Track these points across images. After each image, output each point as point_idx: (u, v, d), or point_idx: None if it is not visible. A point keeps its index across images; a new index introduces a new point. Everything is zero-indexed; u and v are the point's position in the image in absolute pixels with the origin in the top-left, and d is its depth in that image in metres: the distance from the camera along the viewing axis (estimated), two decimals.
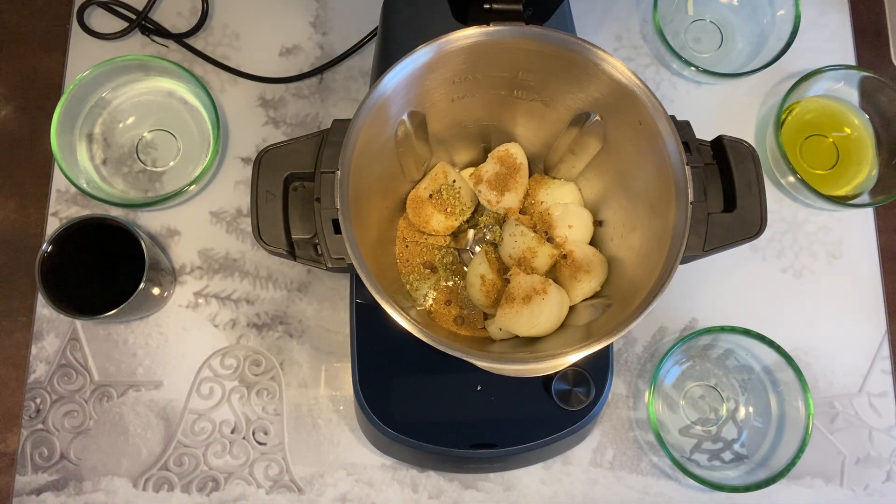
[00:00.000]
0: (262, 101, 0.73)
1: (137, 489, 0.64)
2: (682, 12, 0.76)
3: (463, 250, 0.59)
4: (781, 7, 0.72)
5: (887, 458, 0.68)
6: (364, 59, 0.74)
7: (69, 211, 0.70)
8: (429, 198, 0.57)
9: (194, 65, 0.73)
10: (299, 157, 0.49)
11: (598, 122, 0.53)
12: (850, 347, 0.70)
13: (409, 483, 0.65)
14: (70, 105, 0.67)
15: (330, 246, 0.47)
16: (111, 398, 0.66)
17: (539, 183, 0.60)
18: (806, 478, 0.67)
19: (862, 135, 0.72)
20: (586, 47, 0.49)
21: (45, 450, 0.65)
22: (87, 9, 0.73)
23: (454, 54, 0.49)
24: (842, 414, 0.69)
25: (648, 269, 0.48)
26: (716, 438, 0.67)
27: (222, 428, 0.66)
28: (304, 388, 0.67)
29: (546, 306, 0.51)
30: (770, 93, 0.75)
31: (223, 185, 0.71)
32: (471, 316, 0.57)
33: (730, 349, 0.68)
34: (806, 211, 0.73)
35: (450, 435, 0.58)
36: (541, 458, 0.64)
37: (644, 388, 0.68)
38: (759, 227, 0.50)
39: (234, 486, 0.65)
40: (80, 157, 0.69)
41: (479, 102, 0.55)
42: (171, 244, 0.69)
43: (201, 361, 0.67)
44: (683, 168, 0.47)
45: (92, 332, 0.67)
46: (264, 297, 0.69)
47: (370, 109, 0.48)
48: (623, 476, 0.66)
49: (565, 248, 0.55)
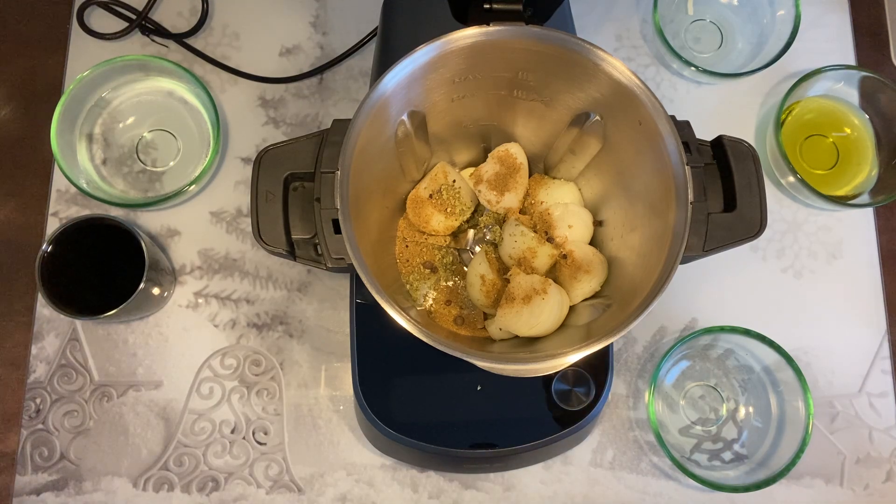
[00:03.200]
0: (262, 101, 0.73)
1: (137, 489, 0.64)
2: (682, 12, 0.76)
3: (463, 250, 0.59)
4: (781, 7, 0.72)
5: (887, 458, 0.68)
6: (364, 59, 0.74)
7: (69, 211, 0.70)
8: (429, 198, 0.57)
9: (194, 65, 0.73)
10: (299, 157, 0.49)
11: (598, 122, 0.53)
12: (850, 347, 0.70)
13: (409, 483, 0.65)
14: (70, 105, 0.67)
15: (330, 246, 0.47)
16: (111, 398, 0.66)
17: (539, 183, 0.60)
18: (806, 478, 0.67)
19: (862, 135, 0.72)
20: (586, 47, 0.49)
21: (45, 450, 0.65)
22: (87, 9, 0.73)
23: (454, 54, 0.49)
24: (842, 414, 0.69)
25: (648, 269, 0.48)
26: (716, 438, 0.67)
27: (222, 428, 0.66)
28: (304, 388, 0.67)
29: (546, 306, 0.51)
30: (770, 93, 0.75)
31: (223, 185, 0.71)
32: (471, 316, 0.57)
33: (730, 349, 0.68)
34: (806, 211, 0.73)
35: (450, 435, 0.58)
36: (541, 458, 0.64)
37: (644, 388, 0.68)
38: (759, 227, 0.50)
39: (234, 486, 0.65)
40: (80, 157, 0.69)
41: (479, 102, 0.55)
42: (171, 244, 0.69)
43: (201, 361, 0.67)
44: (683, 168, 0.47)
45: (92, 332, 0.67)
46: (264, 297, 0.69)
47: (370, 109, 0.48)
48: (623, 476, 0.66)
49: (565, 248, 0.55)
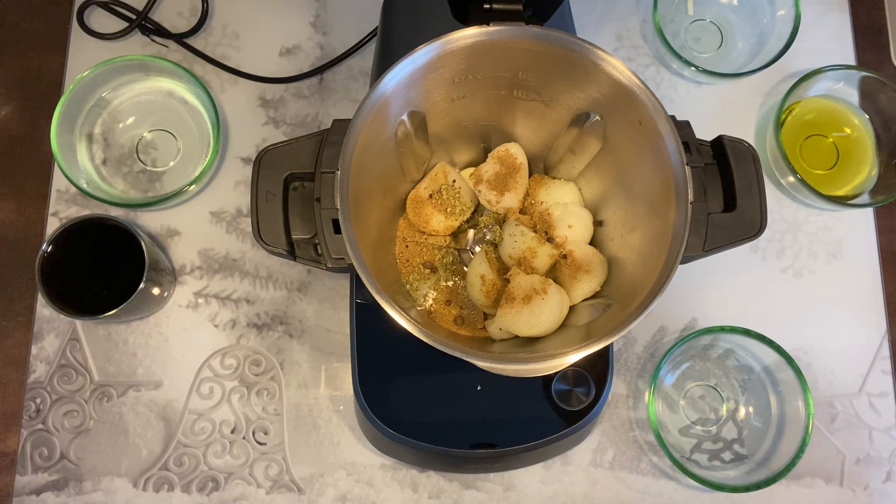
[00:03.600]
0: (262, 101, 0.73)
1: (137, 489, 0.64)
2: (682, 12, 0.76)
3: (463, 250, 0.59)
4: (781, 7, 0.72)
5: (887, 458, 0.68)
6: (364, 59, 0.74)
7: (69, 211, 0.70)
8: (429, 198, 0.57)
9: (194, 65, 0.73)
10: (299, 157, 0.49)
11: (598, 122, 0.53)
12: (850, 347, 0.70)
13: (409, 483, 0.65)
14: (70, 105, 0.67)
15: (330, 246, 0.47)
16: (111, 398, 0.66)
17: (539, 183, 0.60)
18: (806, 478, 0.67)
19: (862, 135, 0.72)
20: (586, 47, 0.49)
21: (45, 450, 0.65)
22: (87, 9, 0.73)
23: (454, 54, 0.49)
24: (842, 414, 0.69)
25: (648, 269, 0.48)
26: (716, 438, 0.67)
27: (222, 428, 0.66)
28: (304, 388, 0.67)
29: (546, 306, 0.51)
30: (770, 93, 0.75)
31: (223, 185, 0.71)
32: (471, 316, 0.57)
33: (730, 349, 0.68)
34: (806, 211, 0.73)
35: (450, 435, 0.58)
36: (541, 458, 0.64)
37: (644, 388, 0.68)
38: (759, 227, 0.50)
39: (234, 486, 0.65)
40: (80, 157, 0.69)
41: (479, 102, 0.55)
42: (171, 244, 0.69)
43: (201, 361, 0.67)
44: (683, 168, 0.47)
45: (92, 332, 0.67)
46: (264, 297, 0.69)
47: (370, 109, 0.48)
48: (623, 476, 0.66)
49: (565, 248, 0.55)
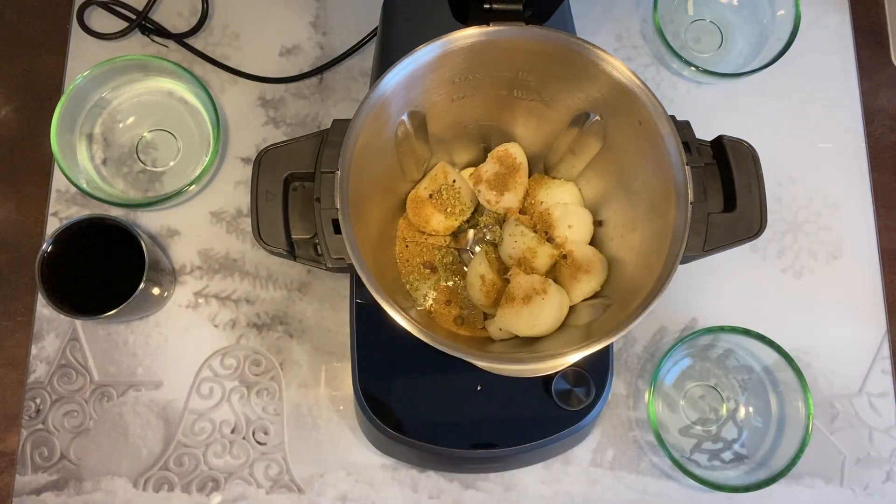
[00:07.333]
0: (262, 101, 0.73)
1: (137, 489, 0.64)
2: (682, 12, 0.76)
3: (463, 250, 0.59)
4: (781, 7, 0.72)
5: (887, 458, 0.68)
6: (364, 59, 0.74)
7: (69, 211, 0.70)
8: (429, 198, 0.57)
9: (194, 65, 0.73)
10: (299, 157, 0.49)
11: (598, 122, 0.53)
12: (850, 347, 0.70)
13: (409, 483, 0.65)
14: (70, 105, 0.67)
15: (330, 246, 0.47)
16: (111, 398, 0.66)
17: (539, 183, 0.60)
18: (806, 478, 0.67)
19: None
20: (586, 47, 0.49)
21: (45, 450, 0.65)
22: (87, 9, 0.73)
23: (454, 54, 0.49)
24: (842, 414, 0.69)
25: (648, 269, 0.48)
26: (716, 438, 0.67)
27: (222, 428, 0.66)
28: (304, 388, 0.67)
29: (546, 306, 0.51)
30: (770, 93, 0.75)
31: (223, 185, 0.71)
32: (471, 316, 0.57)
33: (730, 349, 0.68)
34: (806, 211, 0.73)
35: (450, 435, 0.58)
36: (541, 458, 0.64)
37: (644, 388, 0.68)
38: (759, 227, 0.50)
39: (234, 486, 0.65)
40: (80, 157, 0.69)
41: (479, 102, 0.55)
42: (171, 244, 0.69)
43: (201, 361, 0.67)
44: (683, 168, 0.47)
45: (92, 332, 0.67)
46: (264, 297, 0.68)
47: (370, 109, 0.48)
48: (623, 476, 0.66)
49: (565, 248, 0.55)
